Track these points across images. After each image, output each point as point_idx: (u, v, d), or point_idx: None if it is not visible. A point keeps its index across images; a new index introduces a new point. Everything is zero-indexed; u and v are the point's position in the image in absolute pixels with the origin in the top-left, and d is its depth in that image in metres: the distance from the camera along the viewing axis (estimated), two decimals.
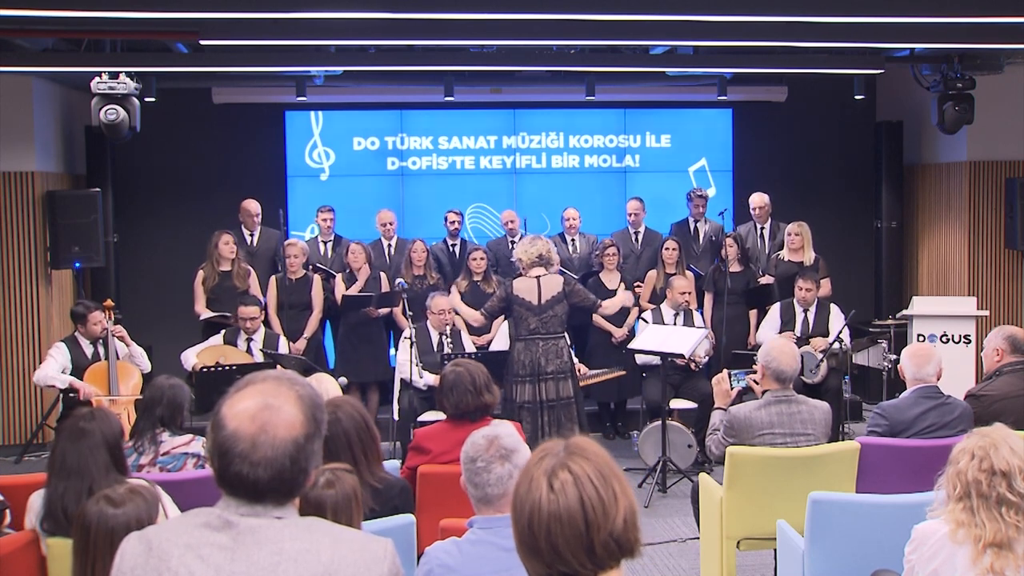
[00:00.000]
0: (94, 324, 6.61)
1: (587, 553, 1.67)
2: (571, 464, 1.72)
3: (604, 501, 1.69)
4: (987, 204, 9.42)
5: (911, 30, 6.82)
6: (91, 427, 3.55)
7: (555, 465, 1.72)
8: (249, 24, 6.20)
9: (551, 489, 1.69)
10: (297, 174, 9.89)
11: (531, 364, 6.39)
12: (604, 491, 1.69)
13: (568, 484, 1.69)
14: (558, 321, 6.52)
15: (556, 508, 1.68)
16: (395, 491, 3.69)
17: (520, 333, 6.44)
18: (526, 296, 6.44)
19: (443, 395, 4.42)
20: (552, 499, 1.68)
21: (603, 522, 1.68)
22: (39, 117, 8.54)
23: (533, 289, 6.45)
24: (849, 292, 9.27)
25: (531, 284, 6.45)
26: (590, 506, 1.67)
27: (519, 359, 6.42)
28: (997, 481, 2.78)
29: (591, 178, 10.13)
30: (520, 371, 6.40)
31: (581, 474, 1.70)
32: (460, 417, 4.39)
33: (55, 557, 3.49)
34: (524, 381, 6.39)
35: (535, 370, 6.39)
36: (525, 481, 1.74)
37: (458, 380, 4.38)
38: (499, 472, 2.67)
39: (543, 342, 6.44)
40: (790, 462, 4.45)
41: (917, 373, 4.70)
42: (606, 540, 1.67)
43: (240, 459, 1.73)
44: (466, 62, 8.13)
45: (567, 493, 1.68)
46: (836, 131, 10.44)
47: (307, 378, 4.44)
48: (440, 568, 2.61)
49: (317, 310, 8.07)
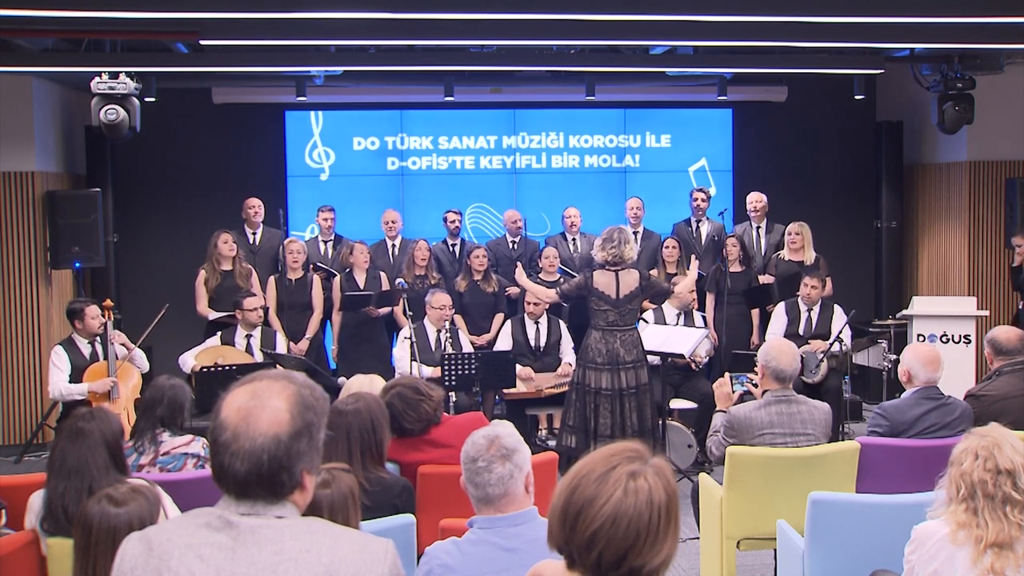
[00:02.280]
0: (92, 319, 6.49)
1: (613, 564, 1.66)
2: (653, 479, 1.70)
3: (659, 531, 1.67)
4: (987, 204, 9.42)
5: (911, 30, 6.82)
6: (91, 427, 3.55)
7: (640, 470, 1.70)
8: (249, 24, 6.19)
9: (626, 489, 1.67)
10: (297, 174, 9.89)
11: (609, 353, 6.49)
12: (665, 522, 1.68)
13: (643, 493, 1.67)
14: (633, 315, 6.71)
15: (622, 509, 1.65)
16: (395, 491, 3.70)
17: (597, 323, 6.55)
18: (605, 289, 6.52)
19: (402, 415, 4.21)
20: (622, 498, 1.66)
21: (648, 548, 1.66)
22: (39, 117, 8.54)
23: (611, 283, 6.54)
24: (849, 292, 9.27)
25: (610, 278, 6.54)
26: (649, 527, 1.66)
27: (596, 347, 6.52)
28: (1002, 480, 2.78)
29: (591, 178, 10.13)
30: (598, 359, 6.51)
31: (657, 494, 1.68)
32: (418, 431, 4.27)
33: (55, 557, 3.49)
34: (603, 369, 6.49)
35: (614, 359, 6.48)
36: (602, 467, 1.71)
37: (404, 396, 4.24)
38: (500, 472, 2.67)
39: (621, 333, 6.54)
40: (790, 462, 4.45)
41: (931, 377, 4.69)
42: (636, 565, 1.66)
43: (223, 449, 1.74)
44: (466, 62, 8.13)
45: (639, 500, 1.66)
46: (836, 131, 10.44)
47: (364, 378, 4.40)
48: (440, 568, 2.61)
49: (318, 310, 8.07)
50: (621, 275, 6.55)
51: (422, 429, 4.28)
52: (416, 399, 4.25)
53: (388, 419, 3.84)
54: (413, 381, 4.38)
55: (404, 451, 4.29)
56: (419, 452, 4.29)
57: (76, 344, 6.55)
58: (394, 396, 4.24)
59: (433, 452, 4.27)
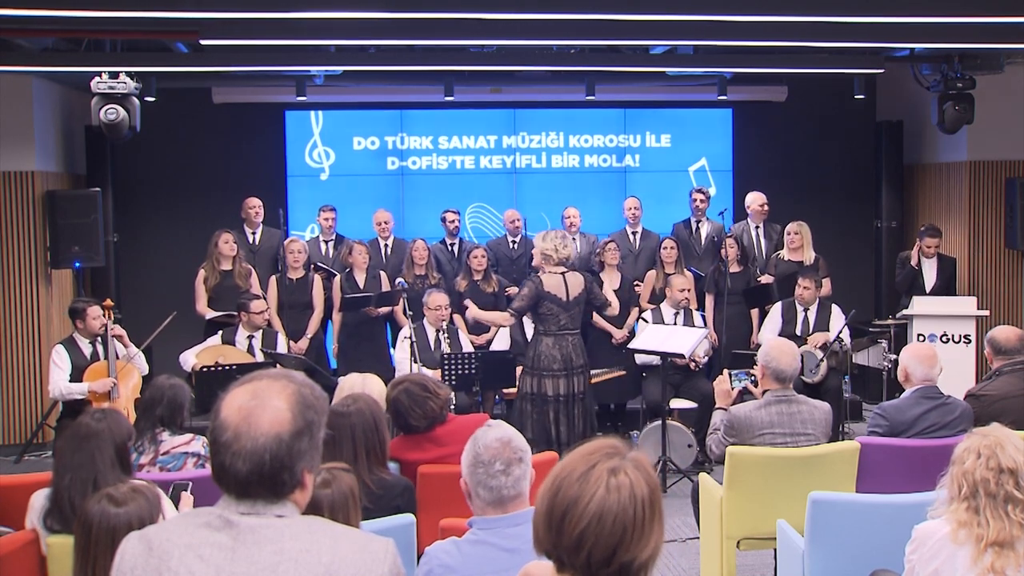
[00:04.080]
0: (93, 319, 6.50)
1: (602, 561, 1.66)
2: (633, 473, 1.70)
3: (646, 523, 1.67)
4: (987, 204, 9.42)
5: (911, 30, 6.82)
6: (101, 426, 3.59)
7: (620, 466, 1.70)
8: (249, 24, 6.19)
9: (607, 486, 1.67)
10: (297, 174, 9.89)
11: (564, 359, 6.44)
12: (650, 514, 1.68)
13: (625, 488, 1.67)
14: (579, 317, 6.65)
15: (606, 506, 1.66)
16: (397, 491, 3.70)
17: (548, 328, 6.46)
18: (556, 292, 6.46)
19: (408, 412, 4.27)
20: (605, 496, 1.66)
21: (636, 542, 1.66)
22: (39, 117, 8.54)
23: (560, 285, 6.48)
24: (849, 292, 9.26)
25: (559, 280, 6.48)
26: (635, 521, 1.66)
27: (550, 354, 6.44)
28: (1005, 479, 2.79)
29: (591, 178, 10.13)
30: (553, 365, 6.44)
31: (639, 487, 1.69)
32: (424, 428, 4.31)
33: (55, 557, 3.49)
34: (559, 375, 6.44)
35: (568, 364, 6.44)
36: (582, 466, 1.71)
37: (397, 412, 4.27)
38: (517, 473, 2.67)
39: (571, 337, 6.51)
40: (790, 462, 4.45)
41: (928, 374, 4.69)
42: (626, 561, 1.66)
43: (224, 449, 1.75)
44: (466, 62, 8.13)
45: (622, 496, 1.67)
46: (836, 131, 10.44)
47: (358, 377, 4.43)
48: (440, 568, 2.61)
49: (318, 310, 8.07)
50: (568, 277, 6.51)
51: (427, 427, 4.29)
52: (423, 396, 4.26)
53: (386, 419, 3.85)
54: (421, 378, 4.39)
55: (407, 449, 4.30)
56: (421, 450, 4.29)
57: (77, 343, 6.56)
58: (401, 392, 4.26)
59: (435, 451, 4.27)
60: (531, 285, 6.48)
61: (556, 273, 6.48)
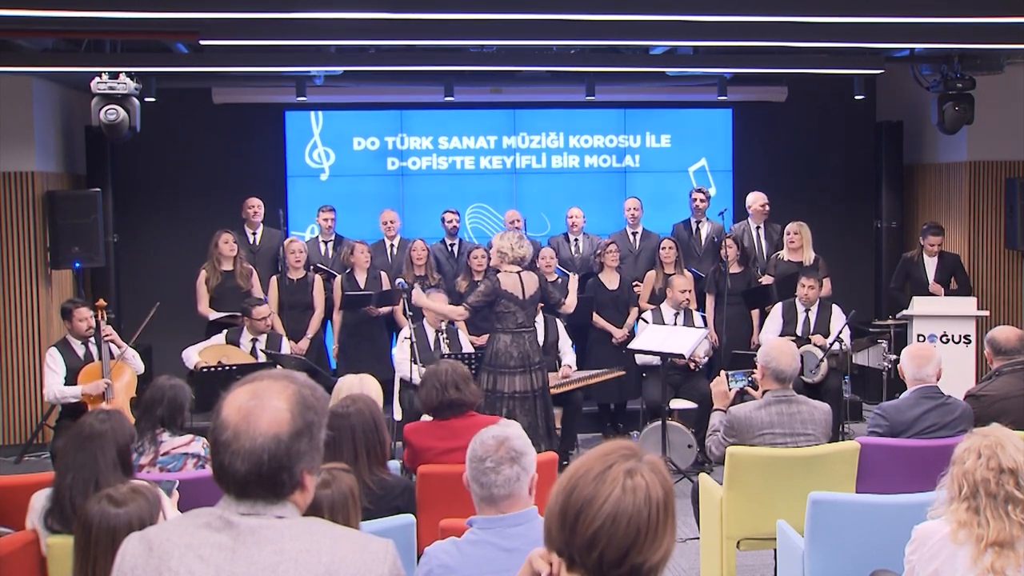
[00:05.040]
0: (79, 320, 6.46)
1: (614, 562, 1.66)
2: (649, 476, 1.70)
3: (659, 526, 1.68)
4: (987, 204, 9.42)
5: (911, 30, 6.82)
6: (104, 428, 3.61)
7: (636, 467, 1.70)
8: (249, 24, 6.19)
9: (624, 487, 1.67)
10: (297, 174, 9.89)
11: (521, 356, 6.51)
12: (664, 518, 1.68)
13: (641, 490, 1.67)
14: (535, 315, 6.82)
15: (621, 507, 1.66)
16: (397, 492, 3.70)
17: (506, 326, 6.54)
18: (512, 290, 6.53)
19: (455, 383, 4.53)
20: (620, 497, 1.66)
21: (648, 544, 1.66)
22: (39, 117, 8.54)
23: (517, 284, 6.56)
24: (849, 292, 9.26)
25: (515, 279, 6.56)
26: (649, 524, 1.66)
27: (507, 351, 6.52)
28: (1005, 479, 2.79)
29: (591, 178, 10.13)
30: (510, 363, 6.51)
31: (655, 490, 1.69)
32: (435, 413, 4.52)
33: (55, 557, 3.49)
34: (516, 372, 6.50)
35: (526, 360, 6.51)
36: (599, 466, 1.70)
37: (426, 378, 4.56)
38: (507, 474, 2.67)
39: (528, 334, 6.59)
40: (790, 462, 4.45)
41: (917, 373, 4.70)
42: (637, 563, 1.66)
43: (223, 448, 1.75)
44: (466, 62, 8.13)
45: (637, 498, 1.67)
46: (836, 131, 10.44)
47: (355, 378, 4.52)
48: (440, 568, 2.61)
49: (319, 310, 8.07)
50: (524, 276, 6.60)
51: (456, 411, 4.47)
52: (467, 376, 4.54)
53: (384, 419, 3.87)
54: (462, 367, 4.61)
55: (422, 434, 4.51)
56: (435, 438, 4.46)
57: (70, 345, 6.54)
58: (450, 368, 4.51)
59: (448, 441, 4.38)
60: (488, 283, 6.62)
61: (512, 272, 6.56)
